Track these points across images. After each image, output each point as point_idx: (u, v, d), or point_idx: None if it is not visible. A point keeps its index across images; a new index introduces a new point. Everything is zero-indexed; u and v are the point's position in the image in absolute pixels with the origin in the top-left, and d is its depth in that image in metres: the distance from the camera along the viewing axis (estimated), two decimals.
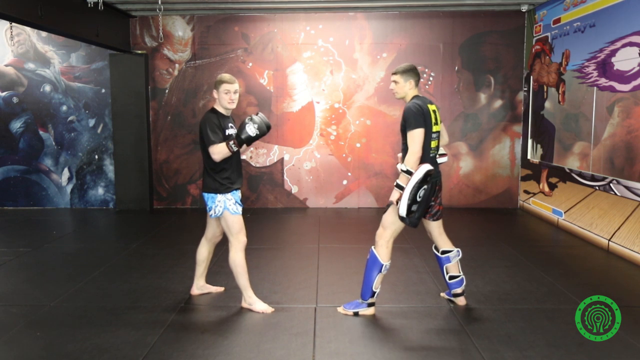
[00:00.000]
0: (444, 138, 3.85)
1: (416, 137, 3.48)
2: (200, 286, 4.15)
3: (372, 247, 3.69)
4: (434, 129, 3.59)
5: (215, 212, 3.72)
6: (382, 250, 3.63)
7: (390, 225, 3.62)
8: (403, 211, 3.42)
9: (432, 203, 3.70)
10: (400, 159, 3.67)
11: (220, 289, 4.22)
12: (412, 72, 3.63)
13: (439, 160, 3.75)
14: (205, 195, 3.75)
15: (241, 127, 3.57)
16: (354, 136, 7.73)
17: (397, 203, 3.50)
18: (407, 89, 3.64)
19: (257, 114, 3.63)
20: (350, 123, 7.71)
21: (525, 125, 7.49)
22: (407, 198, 3.40)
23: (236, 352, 3.20)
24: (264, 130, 3.60)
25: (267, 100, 7.68)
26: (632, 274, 4.68)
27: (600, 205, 5.53)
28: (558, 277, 4.52)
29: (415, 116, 3.49)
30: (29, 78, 7.74)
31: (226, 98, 3.68)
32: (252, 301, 3.80)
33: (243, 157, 7.55)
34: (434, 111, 3.62)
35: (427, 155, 3.58)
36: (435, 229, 3.83)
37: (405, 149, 3.58)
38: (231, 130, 3.73)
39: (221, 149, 3.57)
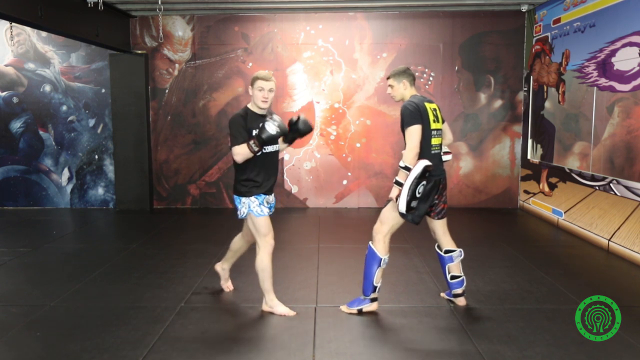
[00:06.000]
0: (448, 137, 3.87)
1: (413, 133, 3.52)
2: (224, 268, 4.19)
3: (370, 242, 3.72)
4: (433, 126, 3.62)
5: (240, 214, 3.70)
6: (380, 244, 3.66)
7: (388, 221, 3.65)
8: (402, 207, 3.45)
9: (437, 201, 3.72)
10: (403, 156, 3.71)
11: (231, 287, 4.25)
12: (404, 73, 3.70)
13: (443, 158, 3.77)
14: (234, 196, 3.73)
15: (261, 127, 3.47)
16: (354, 136, 7.73)
17: (396, 200, 3.52)
18: (402, 90, 3.71)
19: (283, 118, 3.61)
20: (350, 123, 7.71)
21: (525, 125, 7.49)
22: (406, 194, 3.43)
23: (236, 352, 3.20)
24: (285, 129, 3.55)
25: None
26: (632, 274, 4.68)
27: (600, 205, 5.53)
28: (558, 277, 4.52)
29: (411, 114, 3.53)
30: (29, 78, 7.74)
31: (259, 96, 3.54)
32: (274, 304, 3.78)
33: None
34: (433, 109, 3.66)
35: (428, 152, 3.60)
36: (440, 227, 3.84)
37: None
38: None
39: (241, 149, 3.49)
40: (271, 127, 3.46)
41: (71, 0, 5.97)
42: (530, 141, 7.34)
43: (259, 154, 3.53)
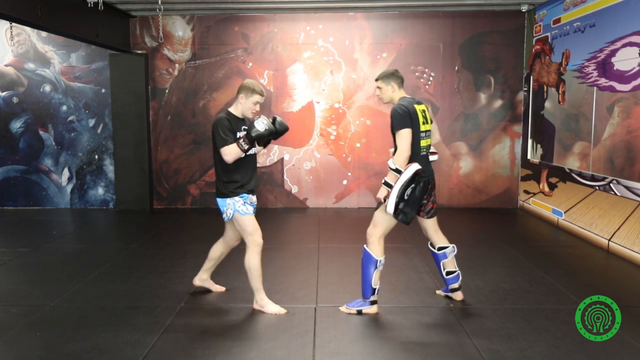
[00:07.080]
0: (435, 136, 3.92)
1: (403, 137, 3.56)
2: (202, 279, 4.18)
3: (365, 245, 3.74)
4: (423, 128, 3.66)
5: (227, 215, 3.73)
6: (374, 247, 3.69)
7: (381, 223, 3.69)
8: (391, 209, 3.52)
9: (425, 201, 3.77)
10: (391, 154, 3.74)
11: (222, 288, 4.22)
12: (392, 75, 3.74)
13: (430, 158, 3.82)
14: (217, 200, 3.76)
15: (250, 126, 3.62)
16: (354, 136, 7.73)
17: (384, 200, 3.58)
18: (390, 92, 3.75)
19: (272, 118, 3.73)
20: (350, 123, 7.71)
21: (525, 125, 7.49)
22: (395, 196, 3.50)
23: (236, 352, 3.20)
24: (272, 129, 3.63)
25: (267, 100, 7.68)
26: (632, 274, 4.68)
27: (600, 205, 5.53)
28: (558, 277, 4.52)
29: (401, 117, 3.57)
30: (29, 78, 7.74)
31: (252, 108, 3.71)
32: (264, 303, 3.79)
33: None
34: (422, 111, 3.69)
35: (418, 154, 3.65)
36: (431, 226, 3.89)
37: (396, 148, 3.64)
38: (243, 133, 3.72)
39: (232, 149, 3.59)
40: (261, 126, 3.61)
41: (71, 0, 5.97)
42: (530, 141, 7.34)
43: (248, 152, 3.64)
